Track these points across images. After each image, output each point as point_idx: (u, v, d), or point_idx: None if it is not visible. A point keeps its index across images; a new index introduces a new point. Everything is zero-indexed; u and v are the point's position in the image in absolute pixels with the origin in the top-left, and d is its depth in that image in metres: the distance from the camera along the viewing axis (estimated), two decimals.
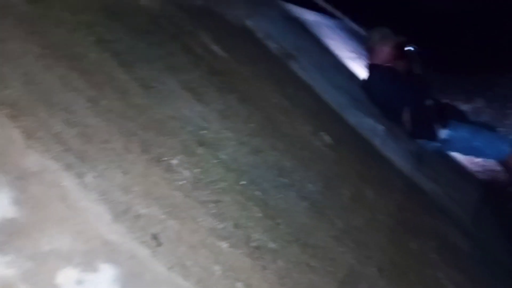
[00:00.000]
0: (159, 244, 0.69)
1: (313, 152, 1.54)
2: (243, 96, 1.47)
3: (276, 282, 0.83)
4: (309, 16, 4.58)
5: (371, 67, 3.42)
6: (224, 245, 0.81)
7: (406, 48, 3.33)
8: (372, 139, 2.26)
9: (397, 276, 1.17)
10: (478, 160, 3.88)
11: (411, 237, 1.50)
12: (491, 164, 3.70)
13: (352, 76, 3.65)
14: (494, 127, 3.35)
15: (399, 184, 1.88)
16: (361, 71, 3.76)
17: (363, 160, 1.87)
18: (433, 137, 3.11)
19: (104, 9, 1.20)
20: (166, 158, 0.89)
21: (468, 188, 2.78)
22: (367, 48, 3.56)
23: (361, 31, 5.11)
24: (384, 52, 3.39)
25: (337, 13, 5.08)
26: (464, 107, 6.74)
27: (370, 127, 2.47)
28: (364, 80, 3.44)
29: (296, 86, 2.12)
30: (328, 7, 4.98)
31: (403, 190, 1.88)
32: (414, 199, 1.87)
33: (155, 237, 0.70)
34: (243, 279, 0.77)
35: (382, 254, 1.24)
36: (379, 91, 3.21)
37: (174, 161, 0.91)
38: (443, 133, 3.10)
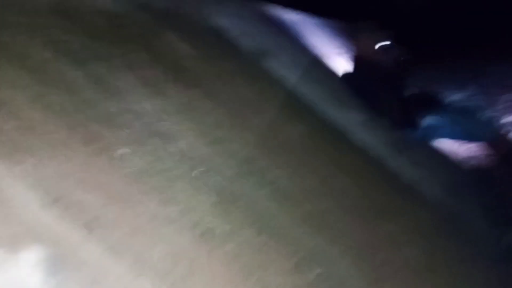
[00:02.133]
0: (92, 230, 0.70)
1: (283, 142, 1.55)
2: (208, 91, 1.48)
3: (222, 264, 0.84)
4: (289, 16, 4.59)
5: (356, 60, 3.45)
6: (167, 230, 0.82)
7: (382, 44, 3.34)
8: (349, 129, 2.27)
9: (362, 257, 1.17)
10: (466, 145, 3.88)
11: (382, 220, 1.50)
12: (478, 148, 3.70)
13: (333, 71, 3.67)
14: (479, 110, 3.37)
15: (373, 170, 1.89)
16: (345, 66, 3.78)
17: (337, 149, 1.88)
18: (417, 125, 3.13)
19: (58, 11, 1.22)
20: (114, 148, 0.90)
21: (452, 172, 2.79)
22: (350, 42, 3.58)
23: (345, 26, 5.13)
24: (367, 46, 3.41)
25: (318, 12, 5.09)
26: (457, 95, 6.75)
27: (348, 118, 2.48)
28: (347, 73, 3.46)
29: (269, 81, 2.14)
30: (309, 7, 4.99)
31: (378, 176, 1.89)
32: (389, 184, 1.88)
33: (89, 223, 0.71)
34: (185, 262, 0.78)
35: (349, 236, 1.25)
36: (362, 83, 3.23)
37: (122, 151, 0.92)
38: (428, 120, 3.12)
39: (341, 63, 3.94)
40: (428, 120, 3.09)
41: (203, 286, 0.77)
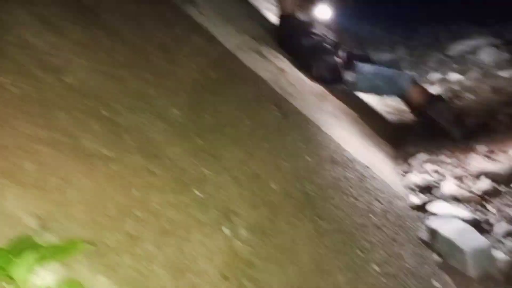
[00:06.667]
0: None
1: (190, 84, 1.62)
2: (112, 32, 1.51)
3: (102, 180, 0.93)
4: None
5: (281, 17, 3.54)
6: (45, 149, 0.88)
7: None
8: (270, 79, 2.38)
9: (244, 186, 1.30)
10: (388, 100, 4.15)
11: (284, 158, 1.65)
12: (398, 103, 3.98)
13: (264, 24, 3.73)
14: (396, 66, 3.60)
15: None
16: (274, 20, 3.84)
17: (251, 97, 1.98)
18: (340, 81, 3.32)
19: None
20: None
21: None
22: None
23: None
24: (290, 1, 3.51)
25: None
26: (387, 56, 7.07)
27: (270, 69, 2.58)
28: (274, 28, 3.56)
29: (188, 28, 2.17)
30: None
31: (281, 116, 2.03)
32: (299, 128, 2.03)
33: None
34: (61, 176, 0.86)
35: (242, 167, 1.37)
36: (286, 40, 3.35)
37: (5, 80, 0.95)
38: (350, 76, 3.31)
39: (270, 17, 4.00)
40: (351, 76, 3.28)
41: (80, 195, 0.85)
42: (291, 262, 1.14)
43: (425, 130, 3.24)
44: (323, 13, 3.55)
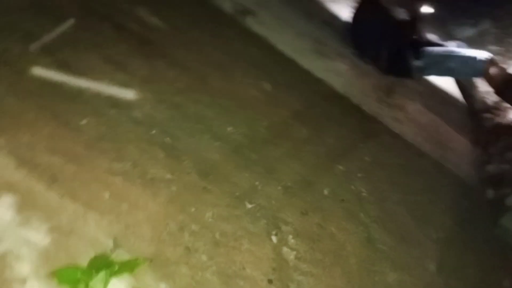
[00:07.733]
0: (55, 181, 0.97)
1: (245, 100, 1.76)
2: (172, 61, 1.70)
3: (164, 201, 1.11)
4: None
5: (361, 2, 3.48)
6: (117, 179, 1.08)
7: None
8: (330, 79, 2.43)
9: (295, 193, 1.40)
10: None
11: (338, 161, 1.71)
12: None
13: (327, 20, 3.72)
14: (467, 46, 3.39)
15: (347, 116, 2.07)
16: (344, 12, 3.80)
17: (307, 102, 2.06)
18: (409, 73, 3.23)
19: (31, 5, 1.45)
20: (75, 120, 1.16)
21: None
22: None
23: None
24: None
25: None
26: (469, 31, 6.57)
27: (331, 68, 2.62)
28: (351, 15, 3.52)
29: (246, 41, 2.31)
30: None
31: (353, 126, 2.07)
32: (358, 127, 2.06)
33: (52, 176, 0.98)
34: (130, 201, 1.05)
35: (294, 176, 1.48)
36: (361, 27, 3.31)
37: (82, 122, 1.18)
38: (418, 63, 3.21)
39: (341, 10, 3.96)
40: (420, 62, 3.18)
41: (146, 217, 1.04)
42: (338, 265, 1.23)
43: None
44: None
